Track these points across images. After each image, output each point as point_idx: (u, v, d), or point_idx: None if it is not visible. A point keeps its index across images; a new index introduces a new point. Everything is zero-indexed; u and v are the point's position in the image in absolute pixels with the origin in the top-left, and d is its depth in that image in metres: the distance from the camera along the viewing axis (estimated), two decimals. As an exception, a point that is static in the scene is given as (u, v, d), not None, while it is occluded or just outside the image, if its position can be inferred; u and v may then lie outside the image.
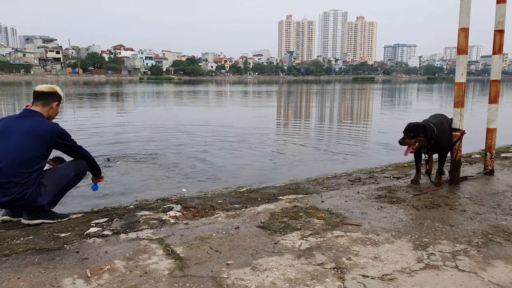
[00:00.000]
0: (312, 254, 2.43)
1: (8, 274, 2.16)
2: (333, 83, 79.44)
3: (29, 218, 3.08)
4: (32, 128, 2.98)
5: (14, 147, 2.90)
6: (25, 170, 2.90)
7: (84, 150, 3.32)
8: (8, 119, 3.09)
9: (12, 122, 3.04)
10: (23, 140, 2.92)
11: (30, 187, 2.93)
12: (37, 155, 2.96)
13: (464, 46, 4.00)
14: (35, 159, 2.96)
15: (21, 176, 2.89)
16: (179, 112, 17.08)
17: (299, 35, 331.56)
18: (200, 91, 39.55)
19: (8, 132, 2.97)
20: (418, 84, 71.56)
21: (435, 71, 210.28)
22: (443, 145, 4.05)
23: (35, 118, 3.06)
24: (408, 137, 3.86)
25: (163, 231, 2.80)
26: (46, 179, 3.10)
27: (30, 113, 3.09)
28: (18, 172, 2.88)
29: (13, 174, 2.86)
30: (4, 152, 2.89)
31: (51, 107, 3.19)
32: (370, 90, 41.61)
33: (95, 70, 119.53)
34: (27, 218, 3.08)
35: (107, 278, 2.11)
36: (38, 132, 2.97)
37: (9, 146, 2.91)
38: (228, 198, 3.77)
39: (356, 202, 3.52)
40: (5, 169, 2.86)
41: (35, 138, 2.95)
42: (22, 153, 2.90)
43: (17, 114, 3.11)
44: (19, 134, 2.95)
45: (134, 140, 8.86)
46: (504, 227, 2.91)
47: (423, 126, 3.86)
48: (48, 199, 3.07)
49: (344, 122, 13.18)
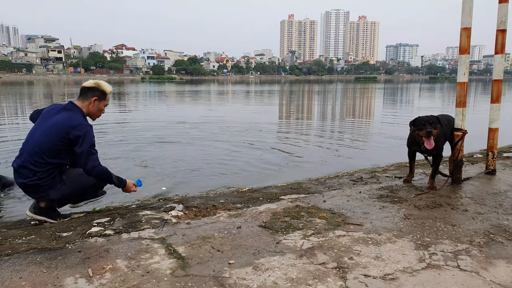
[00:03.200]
0: (314, 253, 2.43)
1: (10, 274, 2.16)
2: (335, 82, 79.41)
3: (34, 212, 3.13)
4: (58, 121, 3.03)
5: (39, 136, 3.02)
6: (40, 160, 2.98)
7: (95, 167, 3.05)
8: (52, 107, 3.19)
9: (51, 112, 3.14)
10: (47, 131, 3.01)
11: (44, 178, 3.01)
12: (54, 148, 3.00)
13: (466, 45, 3.99)
14: (52, 152, 3.00)
15: (36, 165, 2.98)
16: (183, 110, 17.09)
17: (301, 34, 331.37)
18: (202, 90, 39.57)
19: (43, 120, 3.11)
20: (420, 84, 71.46)
21: (437, 70, 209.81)
22: (439, 146, 3.99)
23: (70, 111, 3.10)
24: (434, 127, 3.80)
25: (165, 231, 2.81)
26: (67, 176, 3.15)
27: (70, 106, 3.15)
28: (34, 160, 2.98)
29: (30, 161, 2.98)
30: (32, 138, 3.05)
31: (90, 102, 3.21)
32: (372, 90, 41.57)
33: (97, 70, 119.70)
34: (32, 211, 3.14)
35: (109, 278, 2.12)
36: (60, 125, 3.01)
37: (36, 134, 3.06)
38: (230, 197, 3.77)
39: (358, 202, 3.52)
40: (25, 155, 3.01)
41: (56, 131, 3.00)
42: (42, 143, 2.99)
43: (62, 105, 3.19)
44: (48, 124, 3.05)
45: (134, 139, 8.87)
46: (506, 226, 2.90)
47: (436, 117, 3.87)
48: (59, 195, 3.09)
49: (346, 122, 13.16)
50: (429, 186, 3.98)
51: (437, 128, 3.80)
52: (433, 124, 3.79)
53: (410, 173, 4.25)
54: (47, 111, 3.17)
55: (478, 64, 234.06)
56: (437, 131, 3.80)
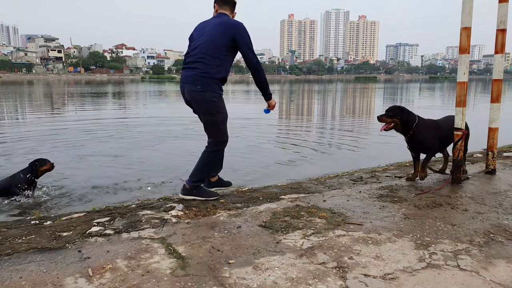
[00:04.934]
0: (314, 253, 2.43)
1: (10, 273, 2.16)
2: (335, 82, 79.36)
3: (183, 193, 3.61)
4: (221, 21, 3.46)
5: (206, 35, 3.44)
6: (209, 53, 3.40)
7: (259, 63, 3.51)
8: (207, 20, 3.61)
9: (209, 20, 3.58)
10: (212, 30, 3.43)
11: (213, 67, 3.41)
12: (220, 44, 3.40)
13: (466, 45, 3.99)
14: (218, 47, 3.40)
15: (206, 58, 3.39)
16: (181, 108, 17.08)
17: (301, 34, 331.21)
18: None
19: (205, 26, 3.52)
20: (420, 84, 71.44)
21: (437, 70, 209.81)
22: (424, 142, 4.05)
23: (226, 16, 3.54)
24: (386, 116, 4.05)
25: (165, 230, 2.81)
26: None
27: (222, 14, 3.55)
28: (204, 53, 3.40)
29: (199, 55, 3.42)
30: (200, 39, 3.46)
31: (235, 13, 3.66)
32: (372, 89, 41.55)
33: (96, 70, 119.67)
34: (182, 193, 3.61)
35: (109, 277, 2.12)
36: (224, 23, 3.44)
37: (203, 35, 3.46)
38: (230, 197, 3.77)
39: (358, 202, 3.51)
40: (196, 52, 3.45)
41: (221, 28, 3.42)
42: (208, 39, 3.41)
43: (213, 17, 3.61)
44: (211, 26, 3.47)
45: (131, 138, 8.88)
46: (506, 226, 2.90)
47: (401, 109, 4.06)
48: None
49: (346, 121, 13.16)
50: (420, 175, 4.16)
51: (393, 117, 4.00)
52: (389, 112, 4.04)
53: (414, 171, 4.27)
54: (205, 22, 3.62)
55: (478, 64, 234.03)
56: (391, 120, 4.01)
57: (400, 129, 4.05)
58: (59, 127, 11.06)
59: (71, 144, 8.17)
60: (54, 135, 9.46)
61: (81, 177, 5.44)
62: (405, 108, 4.08)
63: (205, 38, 3.42)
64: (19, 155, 7.00)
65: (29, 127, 11.23)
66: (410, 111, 4.06)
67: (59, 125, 11.61)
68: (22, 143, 8.25)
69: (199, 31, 3.53)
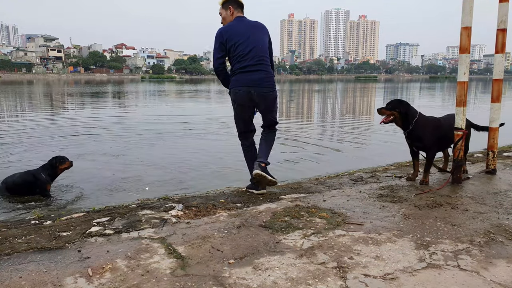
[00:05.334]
0: (314, 253, 2.42)
1: (10, 273, 2.16)
2: (336, 82, 79.35)
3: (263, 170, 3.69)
4: (259, 25, 3.74)
5: (256, 39, 3.65)
6: (266, 55, 3.71)
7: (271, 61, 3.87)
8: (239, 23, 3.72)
9: (244, 23, 3.71)
10: (259, 33, 3.69)
11: (271, 68, 3.77)
12: (267, 46, 3.76)
13: (467, 45, 3.99)
14: (267, 50, 3.75)
15: (265, 60, 3.69)
16: (181, 107, 17.09)
17: (301, 34, 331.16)
18: (202, 90, 39.55)
19: (246, 29, 3.66)
20: (420, 83, 71.43)
21: (437, 70, 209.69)
22: (423, 138, 4.02)
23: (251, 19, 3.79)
24: (386, 108, 4.09)
25: (164, 230, 2.80)
26: None
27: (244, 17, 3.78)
28: (262, 56, 3.67)
29: (258, 58, 3.63)
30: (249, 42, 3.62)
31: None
32: (372, 89, 41.54)
33: (96, 69, 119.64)
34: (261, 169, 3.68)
35: (108, 277, 2.12)
36: (263, 26, 3.76)
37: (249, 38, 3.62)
38: (230, 197, 3.77)
39: (358, 201, 3.51)
40: (252, 55, 3.62)
41: (264, 31, 3.74)
42: (261, 43, 3.67)
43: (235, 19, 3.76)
44: (255, 29, 3.70)
45: (131, 137, 8.87)
46: (506, 226, 2.90)
47: (400, 101, 4.08)
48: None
49: (346, 121, 13.16)
50: (423, 180, 4.09)
51: (393, 110, 4.02)
52: (389, 105, 4.07)
53: (414, 171, 4.25)
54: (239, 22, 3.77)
55: (478, 64, 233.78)
56: (391, 113, 4.03)
57: (400, 122, 4.05)
58: (58, 126, 11.07)
59: (71, 144, 8.17)
60: (53, 135, 9.46)
61: (81, 177, 5.44)
62: (405, 101, 4.08)
63: (257, 42, 3.64)
64: (17, 153, 6.99)
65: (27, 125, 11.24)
66: (409, 105, 4.05)
67: (58, 124, 11.62)
68: (20, 142, 8.26)
69: (241, 35, 3.65)
